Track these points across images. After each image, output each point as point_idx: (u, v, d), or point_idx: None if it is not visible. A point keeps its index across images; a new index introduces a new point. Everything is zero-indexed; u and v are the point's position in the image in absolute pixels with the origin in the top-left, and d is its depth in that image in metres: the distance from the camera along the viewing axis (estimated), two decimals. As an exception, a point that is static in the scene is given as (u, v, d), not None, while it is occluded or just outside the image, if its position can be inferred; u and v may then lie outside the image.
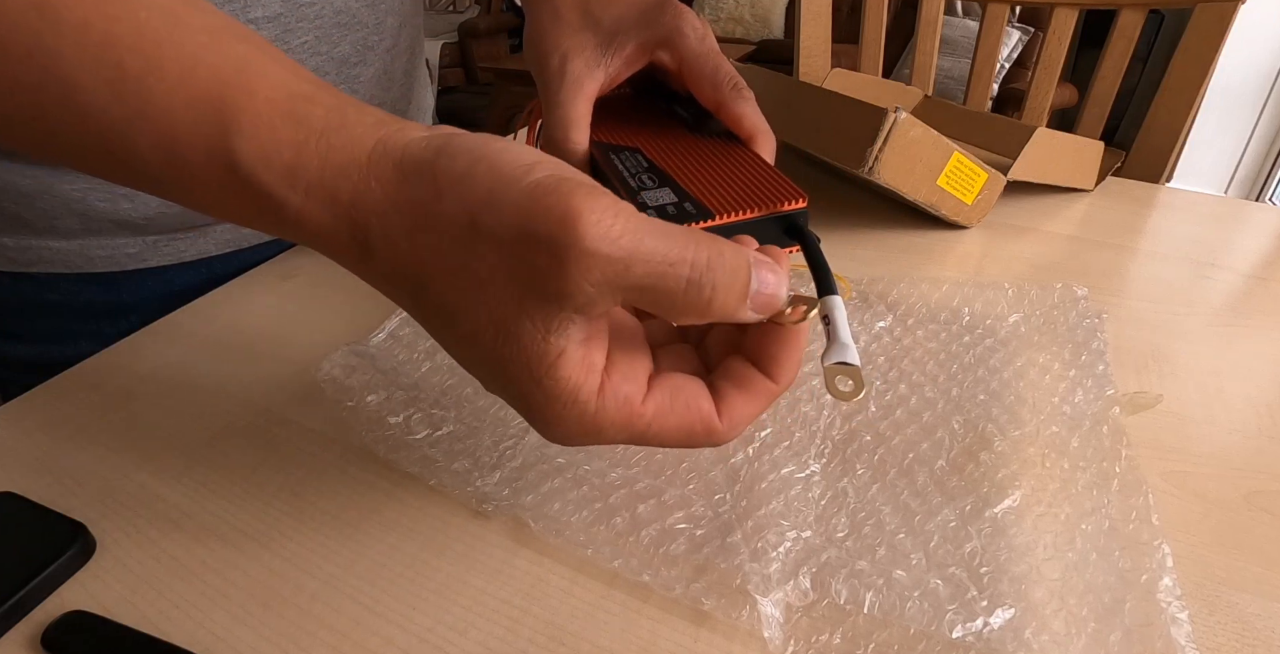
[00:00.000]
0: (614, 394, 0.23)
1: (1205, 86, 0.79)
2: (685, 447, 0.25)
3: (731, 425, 0.25)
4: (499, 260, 0.21)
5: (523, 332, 0.21)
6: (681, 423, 0.24)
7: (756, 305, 0.23)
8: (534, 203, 0.20)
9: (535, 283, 0.21)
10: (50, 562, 0.30)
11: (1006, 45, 2.45)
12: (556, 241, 0.20)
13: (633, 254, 0.20)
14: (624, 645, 0.28)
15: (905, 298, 0.48)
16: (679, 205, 0.31)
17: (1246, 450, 0.38)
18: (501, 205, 0.21)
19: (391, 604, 0.30)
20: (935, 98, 0.88)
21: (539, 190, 0.20)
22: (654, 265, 0.21)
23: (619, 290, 0.21)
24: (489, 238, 0.21)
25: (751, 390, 0.25)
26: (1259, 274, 0.55)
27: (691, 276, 0.21)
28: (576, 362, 0.22)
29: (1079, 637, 0.27)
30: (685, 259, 0.21)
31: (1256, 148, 2.36)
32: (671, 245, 0.21)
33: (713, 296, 0.21)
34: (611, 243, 0.20)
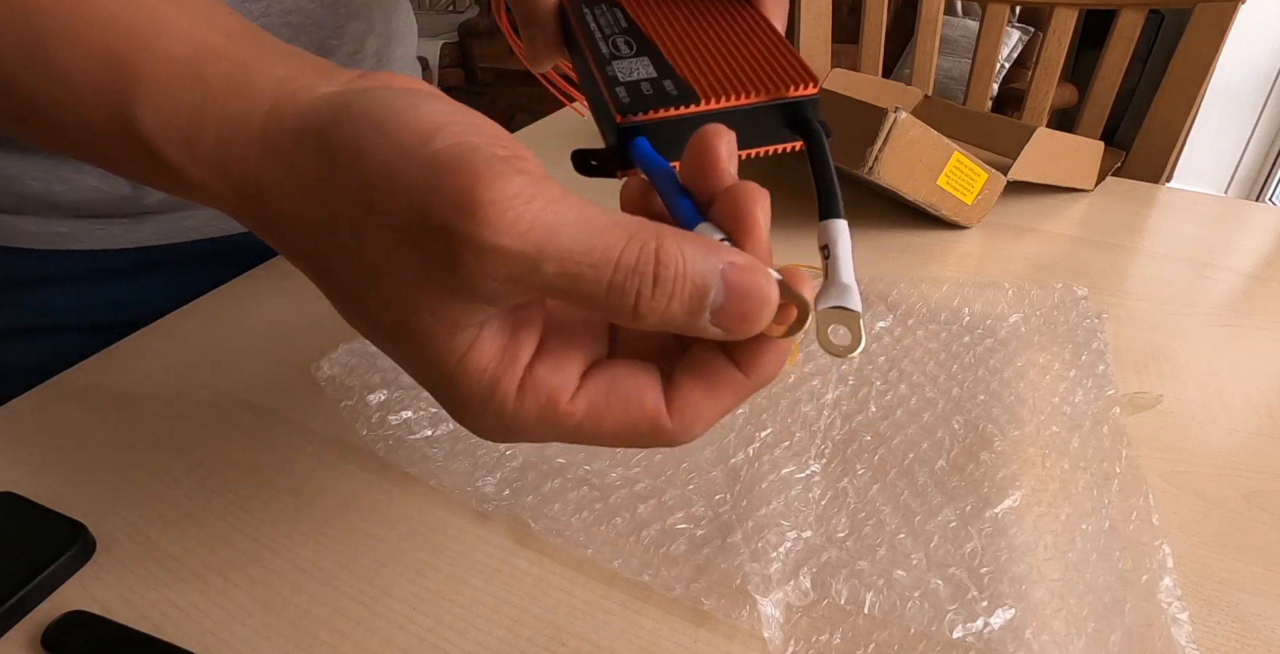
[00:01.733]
0: (535, 391, 0.20)
1: (1205, 86, 0.79)
2: (634, 446, 0.22)
3: (685, 424, 0.21)
4: (394, 249, 0.18)
5: (424, 327, 0.19)
6: (620, 422, 0.20)
7: (720, 322, 0.18)
8: (431, 184, 0.17)
9: (433, 276, 0.18)
10: (50, 562, 0.30)
11: (1006, 45, 2.45)
12: (454, 233, 0.17)
13: (542, 250, 0.17)
14: (624, 645, 0.28)
15: (905, 298, 0.48)
16: (656, 83, 0.25)
17: (1246, 450, 0.38)
18: (396, 185, 0.18)
19: (391, 604, 0.30)
20: (935, 98, 0.88)
21: (438, 167, 0.18)
22: (568, 264, 0.17)
23: (529, 289, 0.18)
24: (384, 223, 0.18)
25: (715, 384, 0.21)
26: (1259, 274, 0.55)
27: (614, 280, 0.18)
28: (490, 355, 0.19)
29: (1079, 637, 0.27)
30: (609, 259, 0.17)
31: (1256, 148, 2.36)
32: (595, 240, 0.17)
33: (639, 306, 0.18)
34: (518, 236, 0.17)
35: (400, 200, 0.18)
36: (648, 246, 0.18)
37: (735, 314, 0.18)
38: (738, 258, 0.18)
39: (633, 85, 0.25)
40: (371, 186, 0.18)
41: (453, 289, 0.18)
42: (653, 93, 0.25)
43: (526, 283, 0.18)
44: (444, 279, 0.18)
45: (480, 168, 0.17)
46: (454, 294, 0.18)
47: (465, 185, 0.17)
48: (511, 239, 0.17)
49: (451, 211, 0.17)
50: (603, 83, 0.25)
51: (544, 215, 0.17)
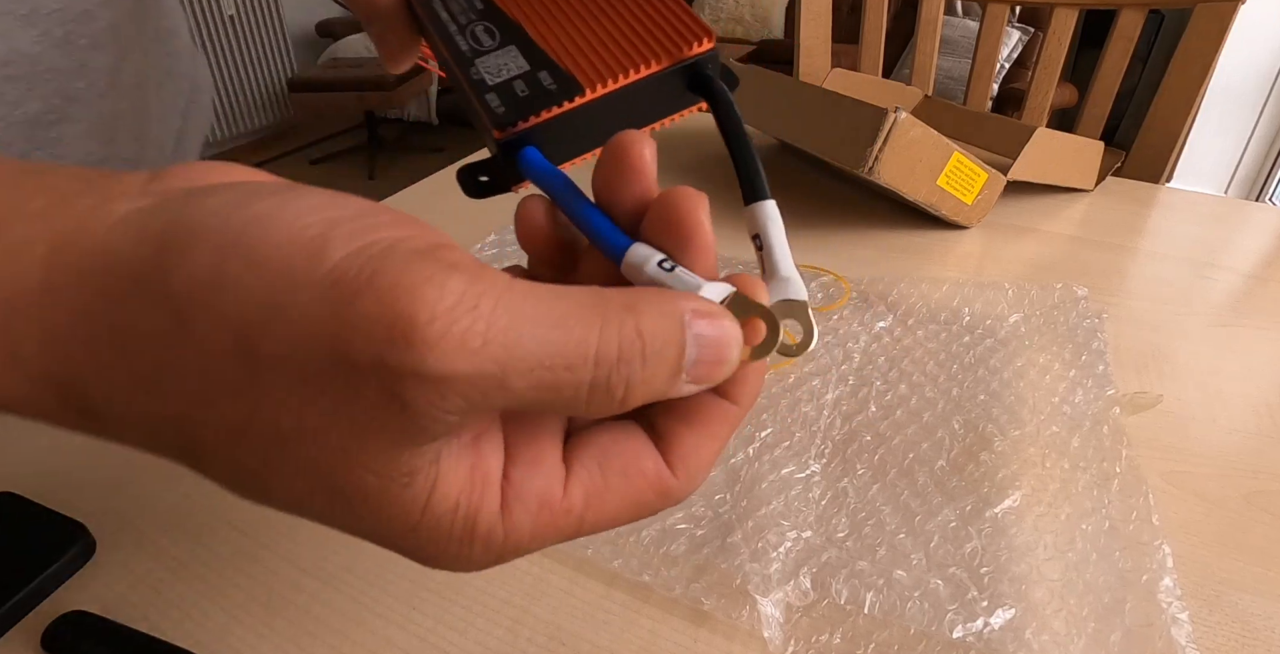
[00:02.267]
0: (523, 502, 0.16)
1: (1205, 86, 0.79)
2: (636, 519, 0.18)
3: (690, 477, 0.18)
4: (305, 405, 0.14)
5: (369, 488, 0.15)
6: (625, 500, 0.18)
7: (696, 377, 0.16)
8: (341, 313, 0.13)
9: (369, 426, 0.14)
10: (50, 562, 0.30)
11: (1006, 45, 2.45)
12: (389, 370, 0.13)
13: (506, 365, 0.14)
14: (624, 645, 0.28)
15: (905, 298, 0.48)
16: (531, 79, 0.21)
17: (1246, 450, 0.38)
18: (290, 323, 0.13)
19: (391, 604, 0.30)
20: (935, 98, 0.88)
21: (344, 289, 0.13)
22: (540, 374, 0.14)
23: (494, 410, 0.15)
24: (280, 373, 0.14)
25: (707, 422, 0.18)
26: (1259, 274, 0.55)
27: (596, 378, 0.15)
28: (459, 488, 0.16)
29: (1079, 637, 0.27)
30: (586, 356, 0.14)
31: (1256, 148, 2.36)
32: (565, 336, 0.14)
33: (627, 395, 0.15)
34: (473, 356, 0.13)
35: (301, 341, 0.13)
36: (625, 328, 0.15)
37: (710, 364, 0.16)
38: (698, 304, 0.16)
39: (504, 87, 0.21)
40: (249, 333, 0.14)
41: (397, 436, 0.14)
42: (529, 93, 0.21)
43: (491, 404, 0.14)
44: (385, 427, 0.14)
45: (401, 277, 0.13)
46: (399, 442, 0.14)
47: (389, 305, 0.13)
48: (466, 362, 0.13)
49: (380, 344, 0.13)
50: (470, 91, 0.21)
51: (497, 321, 0.14)
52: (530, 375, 0.14)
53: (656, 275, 0.18)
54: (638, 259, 0.18)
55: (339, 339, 0.13)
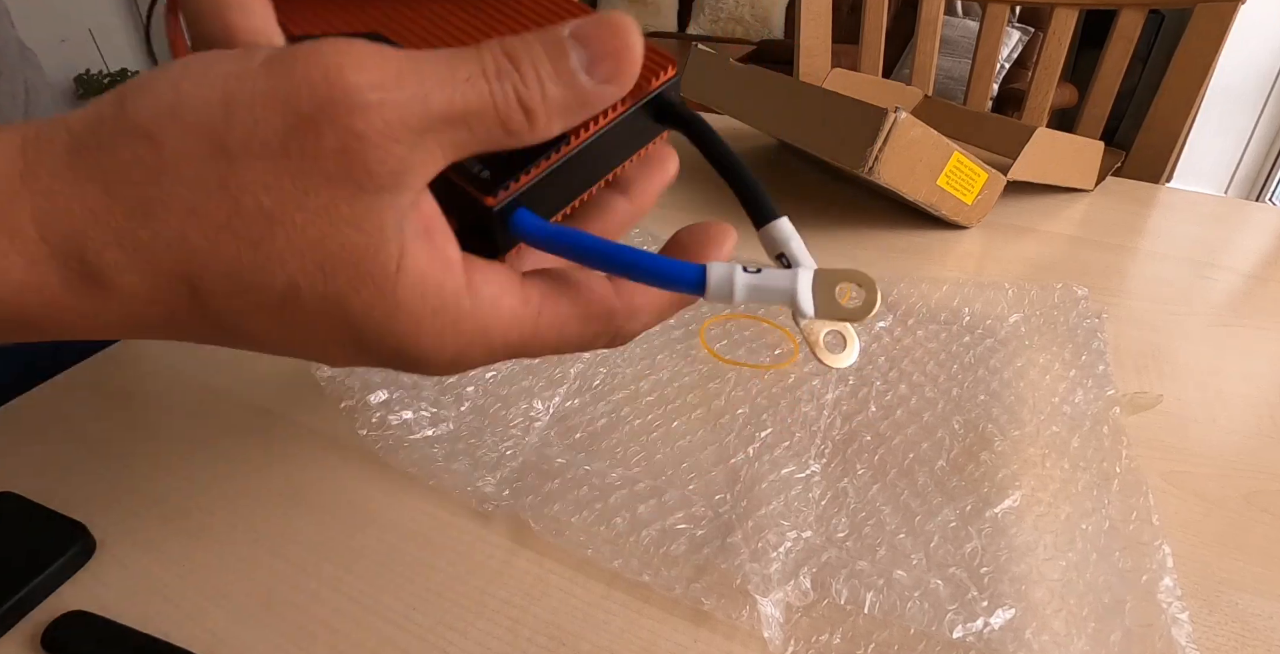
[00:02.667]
0: (486, 286, 0.19)
1: (1205, 86, 0.79)
2: (583, 343, 0.21)
3: (633, 309, 0.20)
4: (277, 176, 0.16)
5: (350, 245, 0.17)
6: (575, 310, 0.20)
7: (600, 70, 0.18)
8: (282, 82, 0.16)
9: (334, 175, 0.16)
10: (50, 562, 0.30)
11: (1006, 45, 2.45)
12: (331, 106, 0.15)
13: (420, 89, 0.16)
14: (624, 645, 0.28)
15: (905, 298, 0.48)
16: None
17: (1246, 450, 0.38)
18: (245, 108, 0.16)
19: (391, 604, 0.30)
20: (935, 98, 0.88)
21: (278, 67, 0.16)
22: (448, 89, 0.16)
23: (429, 134, 0.16)
24: (249, 154, 0.16)
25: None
26: (1259, 274, 0.55)
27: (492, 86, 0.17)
28: (425, 258, 0.18)
29: (1079, 637, 0.27)
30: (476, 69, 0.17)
31: (1256, 148, 2.36)
32: (457, 58, 0.17)
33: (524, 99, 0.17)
34: (395, 80, 0.16)
35: (259, 118, 0.16)
36: (491, 48, 0.17)
37: (607, 56, 0.18)
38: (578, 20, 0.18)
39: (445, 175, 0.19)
40: (218, 127, 0.16)
41: (359, 178, 0.16)
42: (483, 169, 0.20)
43: (423, 125, 0.16)
44: (347, 172, 0.16)
45: (318, 46, 0.16)
46: (363, 186, 0.16)
47: (317, 63, 0.16)
48: (389, 85, 0.16)
49: (319, 90, 0.15)
50: None
51: (404, 63, 0.16)
52: (442, 91, 0.16)
53: (749, 281, 0.19)
54: (722, 276, 0.19)
55: (288, 101, 0.16)
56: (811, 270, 0.19)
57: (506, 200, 0.19)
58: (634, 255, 0.19)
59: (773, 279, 0.19)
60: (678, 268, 0.19)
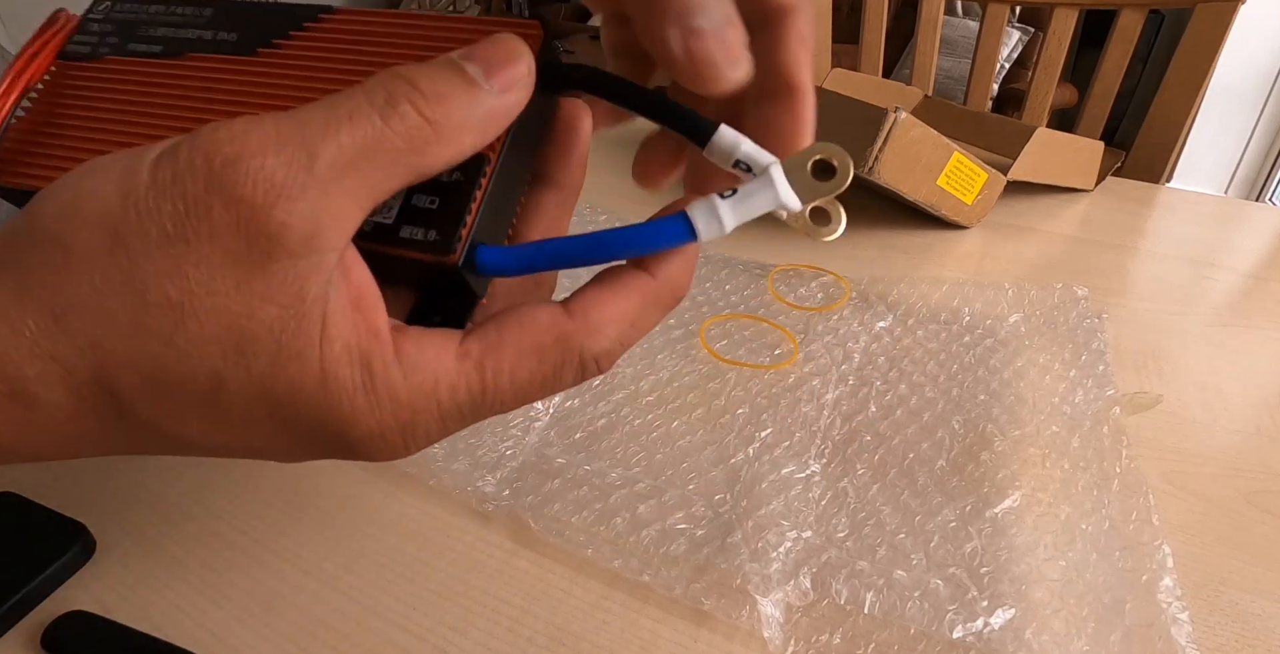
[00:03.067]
0: (418, 351, 0.17)
1: (1205, 86, 0.79)
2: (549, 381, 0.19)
3: (591, 325, 0.18)
4: (178, 263, 0.15)
5: (268, 320, 0.16)
6: (521, 348, 0.18)
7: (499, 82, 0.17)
8: (168, 169, 0.15)
9: (237, 251, 0.15)
10: (50, 562, 0.30)
11: (1006, 45, 2.45)
12: (215, 181, 0.15)
13: (301, 134, 0.15)
14: (624, 645, 0.28)
15: (905, 298, 0.48)
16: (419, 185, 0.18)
17: (1246, 450, 0.38)
18: (138, 199, 0.15)
19: (391, 604, 0.30)
20: (935, 98, 0.88)
21: (167, 155, 0.16)
22: (331, 133, 0.15)
23: (330, 185, 0.15)
24: (148, 245, 0.15)
25: (614, 284, 0.19)
26: (1259, 274, 0.55)
27: (383, 109, 0.16)
28: (349, 329, 0.16)
29: (1079, 637, 0.27)
30: (358, 102, 0.16)
31: (1256, 148, 2.36)
32: (337, 98, 0.16)
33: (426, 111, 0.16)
34: (275, 141, 0.15)
35: (151, 209, 0.15)
36: (382, 76, 0.17)
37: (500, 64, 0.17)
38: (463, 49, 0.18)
39: (408, 213, 0.19)
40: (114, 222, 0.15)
41: (264, 247, 0.15)
42: (436, 198, 0.19)
43: (324, 186, 0.15)
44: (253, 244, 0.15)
45: (205, 128, 0.16)
46: (273, 255, 0.15)
47: (200, 145, 0.15)
48: (268, 153, 0.15)
49: (199, 163, 0.15)
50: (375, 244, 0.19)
51: (281, 120, 0.16)
52: (325, 131, 0.15)
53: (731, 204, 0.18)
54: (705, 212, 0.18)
55: (175, 185, 0.15)
56: (779, 164, 0.19)
57: (464, 250, 0.18)
58: (610, 236, 0.18)
59: (751, 191, 0.18)
60: (658, 226, 0.18)
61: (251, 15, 0.22)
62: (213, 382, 0.16)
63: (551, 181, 0.22)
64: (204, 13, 0.23)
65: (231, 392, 0.16)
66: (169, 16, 0.23)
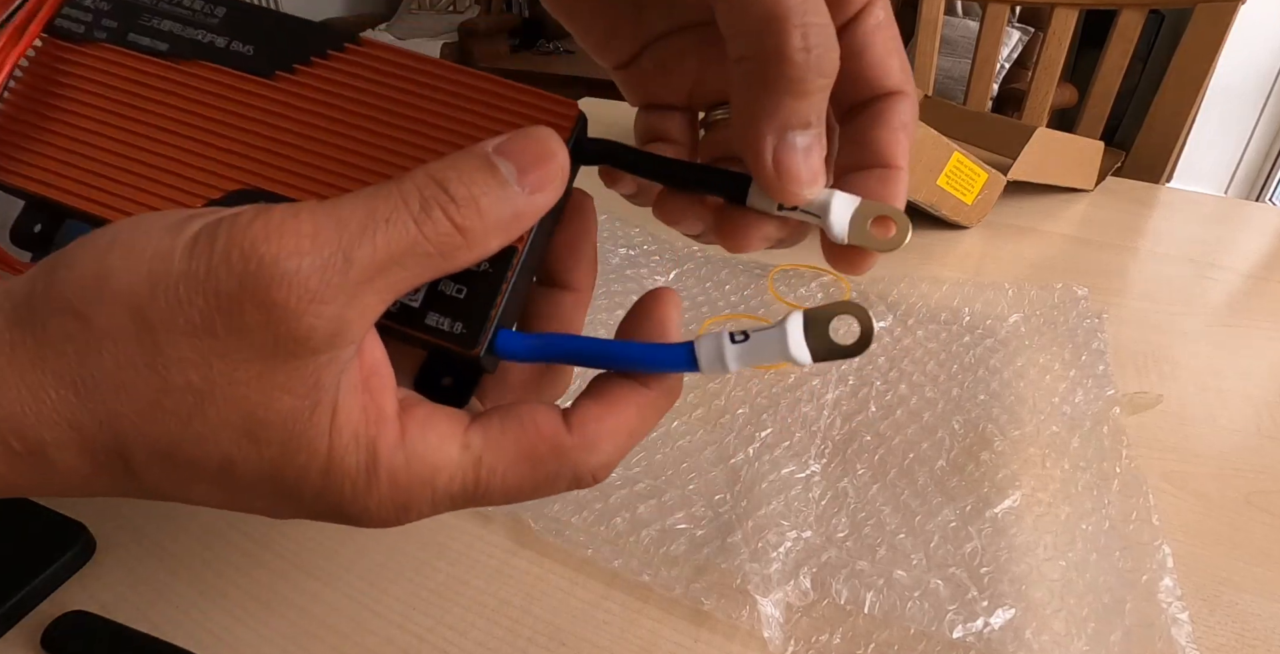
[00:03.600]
0: (423, 437, 0.18)
1: (1205, 86, 0.79)
2: (540, 487, 0.19)
3: (588, 442, 0.19)
4: (204, 355, 0.16)
5: (283, 410, 0.16)
6: (520, 450, 0.18)
7: (530, 183, 0.17)
8: (202, 262, 0.15)
9: (263, 348, 0.16)
10: (50, 562, 0.30)
11: (1006, 45, 2.45)
12: (250, 281, 0.15)
13: (342, 239, 0.15)
14: (624, 645, 0.28)
15: (905, 298, 0.48)
16: None
17: (1246, 450, 0.38)
18: (168, 287, 0.15)
19: (391, 604, 0.30)
20: (935, 98, 0.88)
21: (201, 245, 0.15)
22: (369, 232, 0.16)
23: (361, 287, 0.16)
24: (175, 333, 0.15)
25: (612, 398, 0.19)
26: (1259, 274, 0.55)
27: (417, 216, 0.16)
28: (358, 414, 0.17)
29: (1079, 637, 0.27)
30: (394, 206, 0.16)
31: (1256, 148, 2.36)
32: (376, 197, 0.16)
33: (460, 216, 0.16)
34: (311, 242, 0.15)
35: (183, 296, 0.15)
36: (415, 177, 0.17)
37: (534, 166, 0.17)
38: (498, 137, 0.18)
39: (435, 299, 0.19)
40: (142, 304, 0.15)
41: (288, 348, 0.16)
42: (465, 285, 0.19)
43: (353, 280, 0.16)
44: (275, 344, 0.15)
45: (241, 218, 0.15)
46: (295, 352, 0.16)
47: (237, 238, 0.15)
48: (306, 250, 0.15)
49: (238, 266, 0.15)
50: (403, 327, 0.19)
51: (320, 219, 0.16)
52: (363, 235, 0.16)
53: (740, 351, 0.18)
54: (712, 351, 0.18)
55: (209, 280, 0.15)
56: (800, 317, 0.18)
57: (489, 347, 0.19)
58: (616, 348, 0.19)
59: (763, 341, 0.18)
60: (664, 351, 0.19)
61: (270, 28, 0.21)
62: (224, 463, 0.17)
63: (568, 286, 0.23)
64: (216, 11, 0.21)
65: (241, 472, 0.17)
66: (176, 9, 0.21)
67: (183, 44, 0.21)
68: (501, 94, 0.20)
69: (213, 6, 0.21)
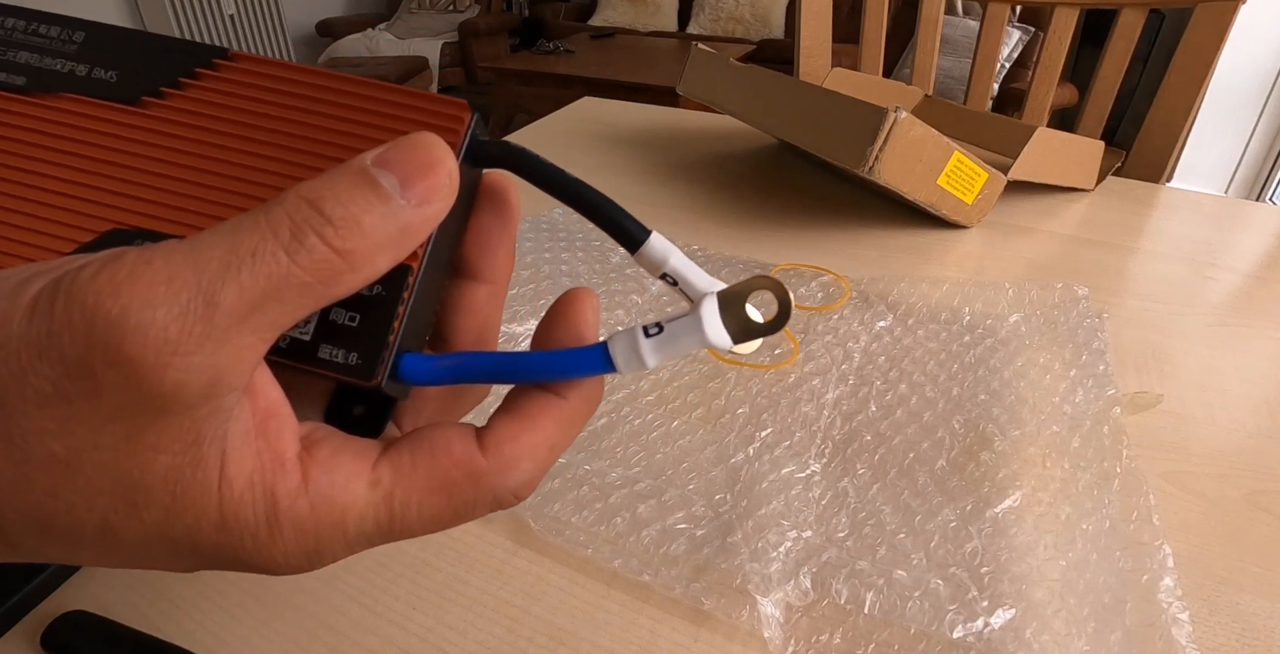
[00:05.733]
0: (326, 478, 0.17)
1: (1205, 86, 0.79)
2: (460, 514, 0.18)
3: (504, 463, 0.18)
4: (61, 423, 0.14)
5: (161, 470, 0.15)
6: (433, 481, 0.17)
7: (414, 195, 0.16)
8: (43, 325, 0.14)
9: (127, 409, 0.14)
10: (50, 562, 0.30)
11: (1006, 45, 2.45)
12: (97, 341, 0.14)
13: (198, 278, 0.14)
14: (624, 645, 0.28)
15: (905, 298, 0.48)
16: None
17: (1246, 450, 0.38)
18: (11, 356, 0.14)
19: (391, 604, 0.30)
20: (935, 98, 0.88)
21: (42, 306, 0.14)
22: (233, 266, 0.14)
23: (231, 331, 0.14)
24: (26, 403, 0.14)
25: (526, 410, 0.18)
26: (1259, 274, 0.55)
27: (288, 245, 0.15)
28: (251, 462, 0.16)
29: (1079, 637, 0.27)
30: (261, 236, 0.15)
31: (1256, 148, 2.36)
32: (239, 229, 0.15)
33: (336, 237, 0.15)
34: (166, 289, 0.14)
35: (28, 365, 0.14)
36: (286, 200, 0.15)
37: (419, 176, 0.16)
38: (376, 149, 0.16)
39: (326, 330, 0.17)
40: None
41: (158, 403, 0.14)
42: (357, 313, 0.17)
43: (216, 323, 0.14)
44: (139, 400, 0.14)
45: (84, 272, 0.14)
46: (165, 409, 0.14)
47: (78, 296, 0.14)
48: (158, 305, 0.14)
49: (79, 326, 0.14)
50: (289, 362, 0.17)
51: (174, 261, 0.14)
52: (226, 274, 0.14)
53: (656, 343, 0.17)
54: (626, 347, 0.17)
55: (52, 346, 0.14)
56: (714, 299, 0.17)
57: (387, 370, 0.17)
58: (527, 360, 0.18)
59: (679, 330, 0.17)
60: (577, 356, 0.18)
61: (131, 50, 0.19)
62: (101, 530, 0.16)
63: (482, 278, 0.21)
64: (74, 37, 0.19)
65: (123, 537, 0.16)
66: (30, 38, 0.19)
67: (42, 76, 0.19)
68: (385, 99, 0.18)
69: (70, 32, 0.20)
